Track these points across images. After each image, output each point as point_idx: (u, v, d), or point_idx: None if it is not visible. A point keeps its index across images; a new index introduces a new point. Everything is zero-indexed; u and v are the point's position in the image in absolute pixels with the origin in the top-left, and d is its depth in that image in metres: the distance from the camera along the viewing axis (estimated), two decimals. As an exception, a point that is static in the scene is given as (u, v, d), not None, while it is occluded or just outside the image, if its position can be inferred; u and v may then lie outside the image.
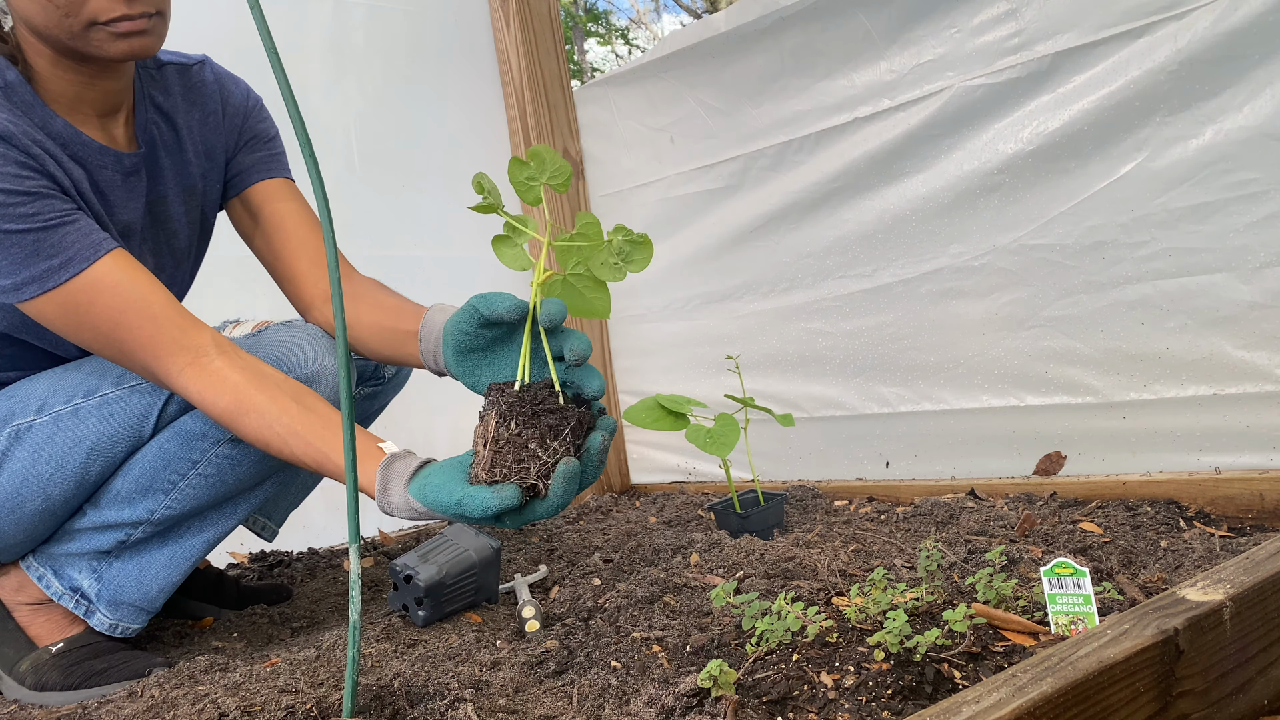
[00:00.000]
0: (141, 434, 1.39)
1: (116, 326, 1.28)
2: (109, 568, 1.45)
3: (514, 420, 1.06)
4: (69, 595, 1.44)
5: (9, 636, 1.46)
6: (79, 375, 1.40)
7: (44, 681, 1.41)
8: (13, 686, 1.43)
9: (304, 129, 0.95)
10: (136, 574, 1.46)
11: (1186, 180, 1.65)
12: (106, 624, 1.45)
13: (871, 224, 2.09)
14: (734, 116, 2.31)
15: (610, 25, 18.48)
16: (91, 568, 1.45)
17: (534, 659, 1.25)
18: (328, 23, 2.35)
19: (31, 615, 1.47)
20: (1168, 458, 1.75)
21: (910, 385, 2.10)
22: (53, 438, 1.37)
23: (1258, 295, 1.61)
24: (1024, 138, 1.83)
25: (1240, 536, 1.49)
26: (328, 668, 1.27)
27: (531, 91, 2.61)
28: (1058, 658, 0.83)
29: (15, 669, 1.43)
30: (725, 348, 2.37)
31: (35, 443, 1.36)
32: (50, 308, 1.26)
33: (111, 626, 1.45)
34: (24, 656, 1.44)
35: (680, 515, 2.16)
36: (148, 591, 1.47)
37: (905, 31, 1.98)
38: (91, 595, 1.44)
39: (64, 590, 1.44)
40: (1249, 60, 1.57)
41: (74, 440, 1.37)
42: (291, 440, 1.25)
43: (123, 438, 1.39)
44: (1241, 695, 0.94)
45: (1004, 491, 1.87)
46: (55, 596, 1.44)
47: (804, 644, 1.05)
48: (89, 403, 1.38)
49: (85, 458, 1.37)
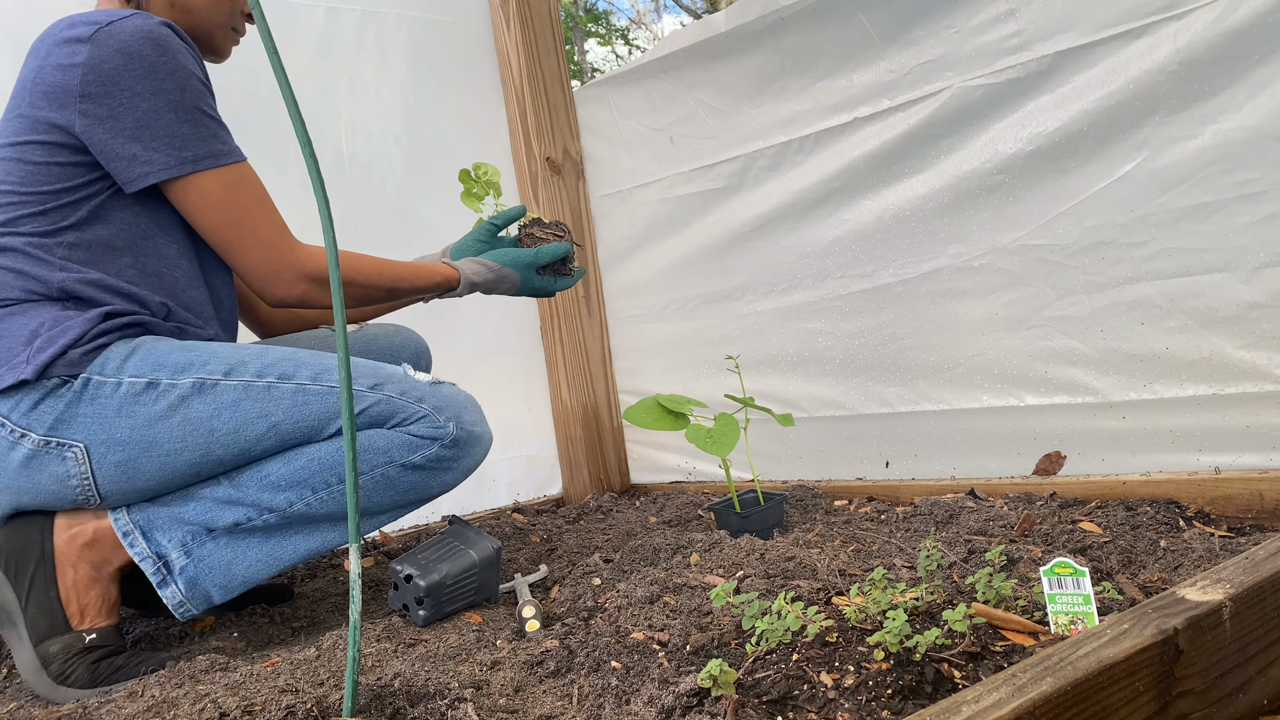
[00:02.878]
0: (321, 432, 1.49)
1: (261, 205, 1.50)
2: (202, 545, 1.46)
3: (541, 226, 1.85)
4: (151, 559, 1.44)
5: (49, 606, 1.41)
6: (270, 356, 1.50)
7: (68, 673, 1.37)
8: (32, 664, 1.38)
9: (304, 129, 0.96)
10: (227, 561, 1.48)
11: (1186, 180, 1.66)
12: (176, 600, 1.45)
13: (871, 224, 2.10)
14: (734, 116, 2.31)
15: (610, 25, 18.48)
16: (184, 540, 1.46)
17: (534, 659, 1.26)
18: (321, 23, 2.35)
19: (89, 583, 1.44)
20: (1167, 458, 1.75)
21: (910, 385, 2.10)
22: (239, 403, 1.45)
23: (1258, 295, 1.61)
24: (1024, 138, 1.83)
25: (1240, 536, 1.49)
26: (328, 667, 1.27)
27: (531, 91, 2.61)
28: (1057, 657, 0.83)
29: (44, 645, 1.38)
30: (725, 348, 2.37)
31: (219, 401, 1.44)
32: (214, 183, 1.46)
33: (179, 605, 1.45)
34: (57, 636, 1.40)
35: (680, 515, 2.16)
36: (230, 582, 1.48)
37: (905, 32, 1.98)
38: (176, 567, 1.45)
39: (148, 553, 1.44)
40: (1249, 60, 1.57)
41: (260, 413, 1.45)
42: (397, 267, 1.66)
43: (305, 429, 1.47)
44: (1241, 695, 0.94)
45: (1004, 491, 1.87)
46: (137, 558, 1.44)
47: (804, 644, 1.05)
48: (285, 386, 1.47)
49: (264, 432, 1.46)
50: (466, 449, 1.56)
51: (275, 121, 1.98)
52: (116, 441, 1.41)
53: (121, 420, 1.41)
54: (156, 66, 1.40)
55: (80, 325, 1.41)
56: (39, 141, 1.42)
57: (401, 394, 1.52)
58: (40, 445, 1.39)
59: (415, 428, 1.52)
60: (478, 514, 2.47)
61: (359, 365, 1.54)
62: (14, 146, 1.43)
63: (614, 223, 2.67)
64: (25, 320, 1.41)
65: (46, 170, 1.43)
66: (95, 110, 1.39)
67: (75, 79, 1.39)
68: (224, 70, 1.95)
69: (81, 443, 1.40)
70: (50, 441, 1.39)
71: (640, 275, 2.62)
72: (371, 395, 1.50)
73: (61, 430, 1.39)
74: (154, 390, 1.42)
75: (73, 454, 1.40)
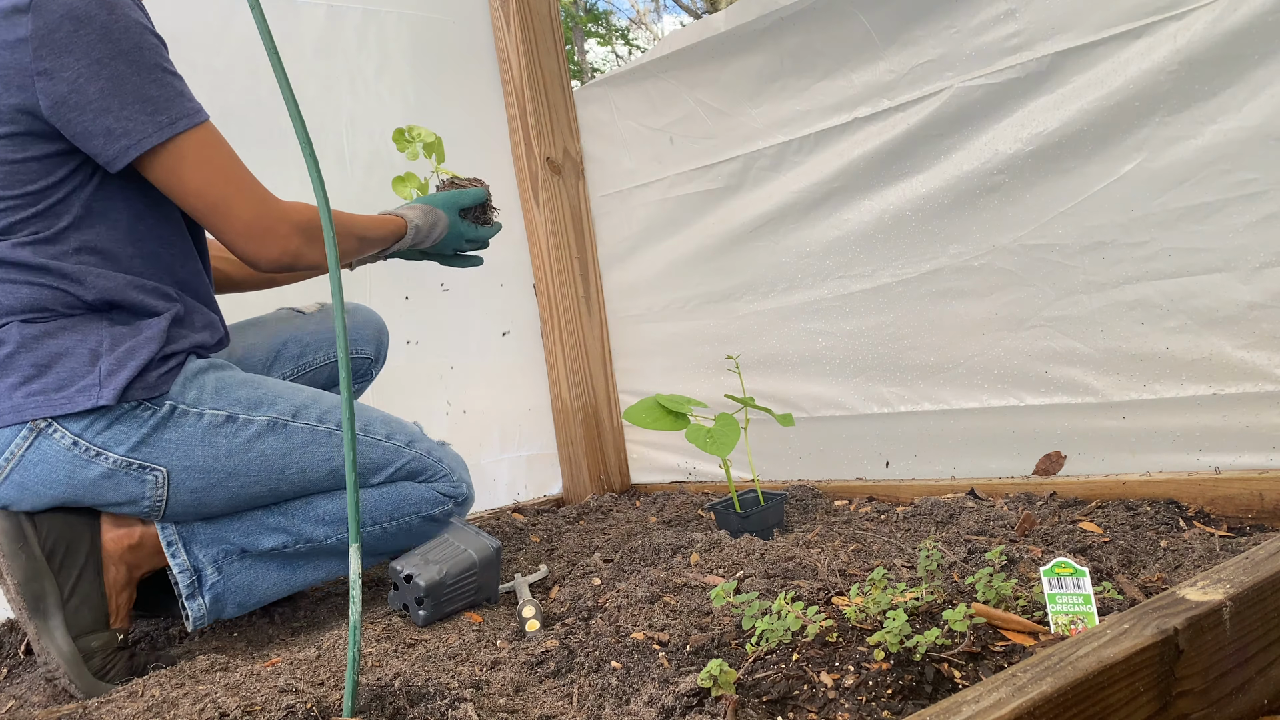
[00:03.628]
0: (370, 479, 1.63)
1: (238, 162, 1.45)
2: (232, 564, 1.53)
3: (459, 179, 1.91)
4: (187, 571, 1.49)
5: (96, 601, 1.43)
6: (325, 402, 1.60)
7: (109, 669, 1.39)
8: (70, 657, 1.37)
9: (304, 129, 0.96)
10: (250, 581, 1.55)
11: (1186, 180, 1.66)
12: (200, 613, 1.50)
13: (871, 224, 2.10)
14: (734, 117, 2.31)
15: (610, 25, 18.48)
16: (218, 557, 1.52)
17: (534, 659, 1.26)
18: (322, 22, 2.35)
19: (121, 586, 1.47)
20: (1167, 458, 1.75)
21: (910, 385, 2.10)
22: (308, 444, 1.55)
23: (1258, 295, 1.61)
24: (1024, 138, 1.83)
25: (1240, 536, 1.49)
26: (328, 667, 1.27)
27: (531, 91, 2.61)
28: (1057, 657, 0.83)
29: (86, 639, 1.40)
30: (725, 348, 2.37)
31: (290, 441, 1.53)
32: (193, 143, 1.39)
33: (200, 617, 1.50)
34: (100, 631, 1.42)
35: (680, 515, 2.16)
36: (247, 600, 1.56)
37: (905, 32, 1.98)
38: (207, 582, 1.50)
39: (186, 565, 1.49)
40: (1249, 60, 1.57)
41: (325, 456, 1.56)
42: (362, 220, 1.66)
43: (360, 475, 1.59)
44: (1241, 695, 0.94)
45: (1004, 491, 1.87)
46: (177, 569, 1.48)
47: (804, 644, 1.05)
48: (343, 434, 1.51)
49: (325, 474, 1.57)
50: (466, 506, 1.76)
51: (276, 121, 1.98)
52: (198, 469, 1.46)
53: (204, 449, 1.46)
54: (109, 28, 1.31)
55: (145, 347, 1.41)
56: (9, 135, 1.34)
57: (428, 452, 1.69)
58: (120, 465, 1.41)
59: (439, 485, 1.69)
60: (478, 514, 2.47)
61: (389, 419, 1.67)
62: None
63: (614, 223, 2.67)
64: (79, 338, 1.40)
65: (25, 168, 1.36)
66: (55, 88, 1.30)
67: (27, 56, 1.29)
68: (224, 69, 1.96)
69: (165, 467, 1.44)
70: (132, 463, 1.42)
71: (640, 275, 2.62)
72: (408, 452, 1.66)
73: (144, 453, 1.42)
74: (234, 424, 1.49)
75: (153, 477, 1.44)
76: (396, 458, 1.65)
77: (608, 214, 2.69)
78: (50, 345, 1.39)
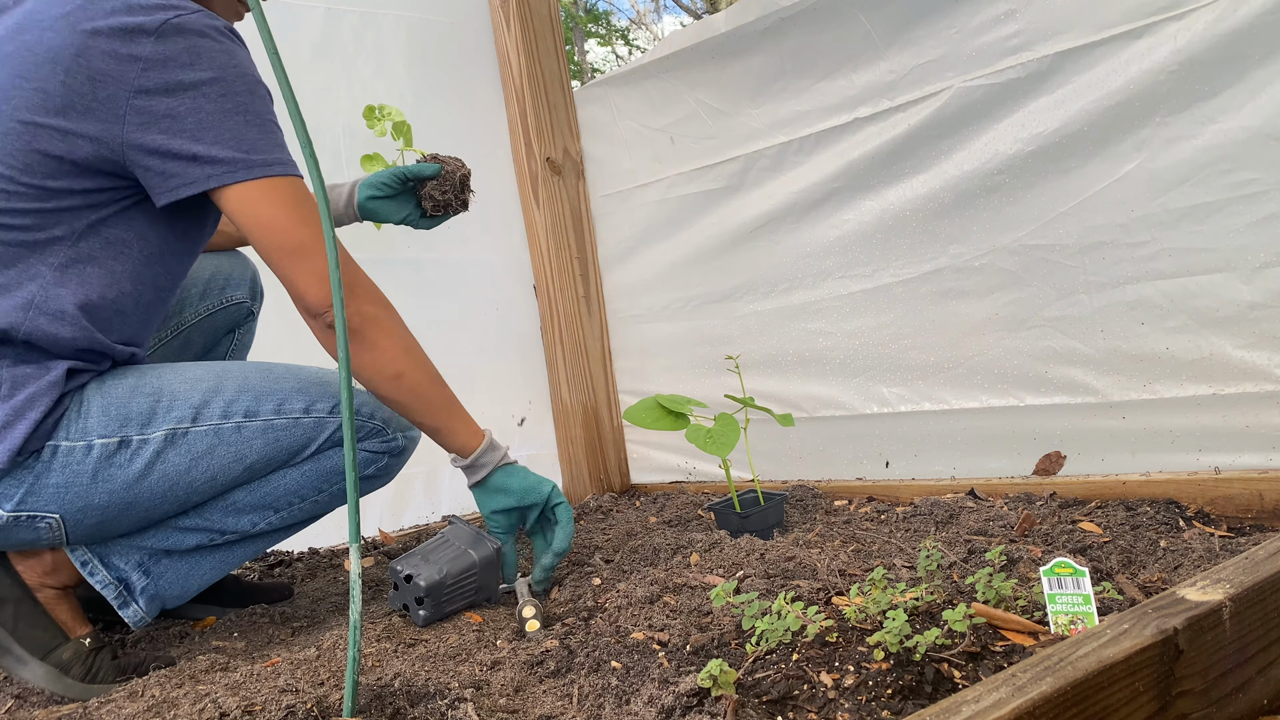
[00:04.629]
0: (289, 462, 1.49)
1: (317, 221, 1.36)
2: (158, 563, 1.46)
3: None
4: (113, 585, 1.42)
5: (40, 620, 1.38)
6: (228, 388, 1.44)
7: (95, 669, 1.37)
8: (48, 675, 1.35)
9: (304, 129, 0.96)
10: (184, 573, 1.48)
11: (1186, 180, 1.66)
12: (137, 617, 1.44)
13: (872, 224, 2.10)
14: (734, 117, 2.31)
15: (610, 26, 18.49)
16: (142, 561, 1.45)
17: (534, 659, 1.26)
18: (320, 23, 2.35)
19: (55, 602, 1.42)
20: (1167, 458, 1.75)
21: (910, 385, 2.10)
22: (214, 449, 1.41)
23: (1258, 295, 1.61)
24: (1024, 138, 1.83)
25: (1240, 536, 1.49)
26: (328, 667, 1.27)
27: (531, 91, 2.61)
28: (1057, 657, 0.83)
29: (54, 654, 1.36)
30: (725, 348, 2.37)
31: (193, 450, 1.40)
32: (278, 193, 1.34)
33: (138, 620, 1.45)
34: (62, 645, 1.37)
35: (680, 515, 2.16)
36: (186, 591, 1.48)
37: (905, 32, 1.98)
38: (136, 588, 1.44)
39: (109, 580, 1.42)
40: (1249, 60, 1.57)
41: (235, 456, 1.43)
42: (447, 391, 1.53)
43: (278, 462, 1.47)
44: (1241, 695, 0.94)
45: (1004, 491, 1.87)
46: (99, 585, 1.41)
47: (804, 644, 1.05)
48: (252, 424, 1.44)
49: (239, 474, 1.44)
50: (404, 455, 1.62)
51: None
52: (94, 508, 1.36)
53: (97, 487, 1.35)
54: (226, 68, 1.31)
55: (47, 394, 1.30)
56: (60, 129, 1.27)
57: (357, 411, 1.52)
58: (10, 520, 1.32)
59: (370, 444, 1.55)
60: (478, 514, 2.47)
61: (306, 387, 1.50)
62: (27, 126, 1.27)
63: (614, 223, 2.67)
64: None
65: (58, 165, 1.29)
66: (153, 107, 1.27)
67: (134, 71, 1.26)
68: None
69: (56, 514, 1.34)
70: (20, 516, 1.32)
71: (640, 275, 2.62)
72: (332, 420, 1.50)
73: (31, 503, 1.32)
74: (126, 449, 1.36)
75: (46, 524, 1.35)
76: (319, 431, 1.49)
77: (608, 214, 2.69)
78: None
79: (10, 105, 1.27)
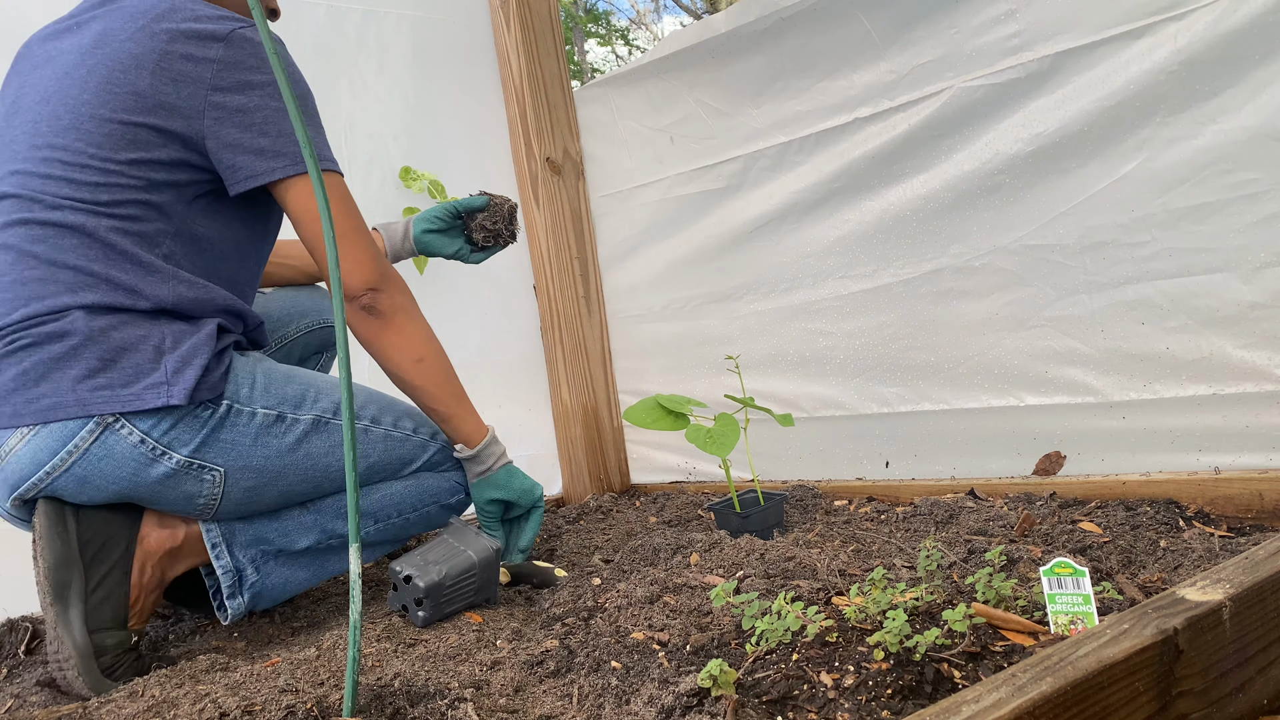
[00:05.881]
0: (399, 473, 1.67)
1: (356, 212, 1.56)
2: (267, 563, 1.56)
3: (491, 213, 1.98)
4: (231, 573, 1.52)
5: (116, 596, 1.43)
6: (361, 396, 1.65)
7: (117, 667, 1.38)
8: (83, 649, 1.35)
9: (305, 128, 0.96)
10: (286, 576, 1.58)
11: (1187, 180, 1.66)
12: (234, 613, 1.52)
13: (872, 224, 2.10)
14: (734, 117, 2.31)
15: (610, 26, 18.49)
16: (256, 558, 1.55)
17: (534, 659, 1.26)
18: (322, 21, 2.35)
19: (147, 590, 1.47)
20: (1167, 458, 1.75)
21: (910, 385, 2.10)
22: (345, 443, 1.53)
23: (1258, 295, 1.61)
24: (1024, 138, 1.83)
25: (1240, 536, 1.49)
26: (328, 667, 1.27)
27: (531, 92, 2.61)
28: (1057, 657, 0.83)
29: (101, 635, 1.39)
30: (725, 348, 2.37)
31: (332, 439, 1.56)
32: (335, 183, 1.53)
33: (237, 614, 1.53)
34: (116, 629, 1.41)
35: (680, 515, 2.16)
36: (281, 595, 1.59)
37: (905, 32, 1.98)
38: (246, 581, 1.53)
39: (230, 567, 1.52)
40: (1249, 60, 1.57)
41: (362, 453, 1.59)
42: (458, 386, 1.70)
43: (389, 470, 1.66)
44: (1241, 695, 0.94)
45: (1004, 491, 1.87)
46: (221, 570, 1.51)
47: (804, 644, 1.05)
48: (377, 430, 1.64)
49: (363, 470, 1.62)
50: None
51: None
52: (252, 469, 1.49)
53: (258, 449, 1.49)
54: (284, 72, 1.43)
55: (205, 346, 1.44)
56: (152, 126, 1.42)
57: (446, 444, 1.73)
58: (182, 466, 1.43)
59: (456, 475, 1.74)
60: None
61: (413, 412, 1.70)
62: (124, 125, 1.41)
63: (614, 223, 2.67)
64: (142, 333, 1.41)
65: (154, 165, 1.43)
66: (226, 100, 1.43)
67: (209, 72, 1.42)
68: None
69: (222, 468, 1.46)
70: (193, 464, 1.44)
71: (640, 275, 2.62)
72: (433, 445, 1.70)
73: (204, 454, 1.45)
74: (282, 423, 1.51)
75: (211, 476, 1.46)
76: (423, 451, 1.69)
77: (608, 214, 2.69)
78: (115, 338, 1.39)
79: (108, 109, 1.41)
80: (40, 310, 1.39)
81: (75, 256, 1.39)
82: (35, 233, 1.40)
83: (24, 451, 1.38)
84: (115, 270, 1.41)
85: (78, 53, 1.46)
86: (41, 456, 1.38)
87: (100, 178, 1.40)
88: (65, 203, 1.40)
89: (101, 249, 1.40)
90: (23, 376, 1.38)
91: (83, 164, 1.40)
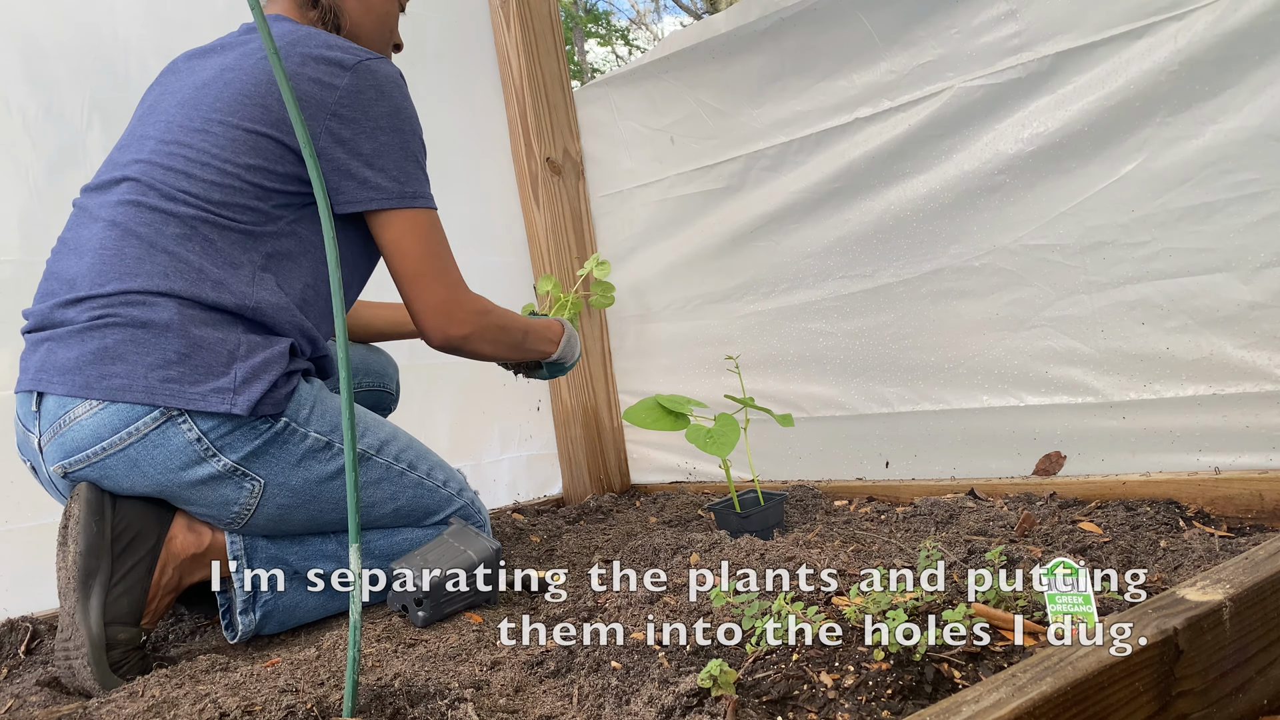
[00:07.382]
0: (423, 522, 1.70)
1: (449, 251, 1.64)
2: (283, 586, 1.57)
3: None
4: (243, 590, 1.52)
5: (137, 596, 1.44)
6: (400, 440, 1.68)
7: (124, 664, 1.39)
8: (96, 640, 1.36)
9: (305, 129, 0.96)
10: (296, 603, 1.59)
11: (1187, 180, 1.66)
12: (250, 628, 1.53)
13: (872, 224, 2.10)
14: (734, 117, 2.31)
15: (610, 26, 18.49)
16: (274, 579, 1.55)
17: (534, 659, 1.26)
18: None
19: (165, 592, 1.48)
20: (1167, 458, 1.75)
21: (910, 385, 2.10)
22: (380, 481, 1.62)
23: (1258, 295, 1.61)
24: (1024, 138, 1.83)
25: (1240, 536, 1.49)
26: (328, 667, 1.27)
27: (532, 92, 2.61)
28: (1057, 657, 0.83)
29: (114, 629, 1.39)
30: (725, 348, 2.37)
31: (369, 475, 1.60)
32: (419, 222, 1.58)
33: (246, 632, 1.53)
34: (131, 625, 1.42)
35: (680, 515, 2.16)
36: (287, 622, 1.59)
37: (905, 32, 1.98)
38: (260, 600, 1.54)
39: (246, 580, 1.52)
40: (1249, 60, 1.57)
41: (391, 495, 1.63)
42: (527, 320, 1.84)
43: (413, 518, 1.69)
44: (1241, 695, 0.94)
45: (1004, 491, 1.87)
46: (238, 581, 1.51)
47: (804, 644, 1.05)
48: (411, 475, 1.67)
49: (389, 511, 1.65)
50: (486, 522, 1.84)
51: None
52: (290, 488, 1.51)
53: (300, 471, 1.51)
54: (400, 110, 1.56)
55: (277, 363, 1.46)
56: (274, 138, 1.49)
57: (470, 501, 1.78)
58: (227, 469, 1.45)
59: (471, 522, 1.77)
60: (478, 514, 2.47)
61: (444, 465, 1.74)
62: (249, 133, 1.48)
63: (614, 223, 2.67)
64: (220, 335, 1.44)
65: (273, 170, 1.49)
66: (341, 130, 1.50)
67: (332, 98, 1.50)
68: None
69: (264, 479, 1.49)
70: (238, 470, 1.46)
71: (640, 275, 2.62)
72: (459, 500, 1.74)
73: (251, 463, 1.47)
74: (329, 451, 1.54)
75: (251, 486, 1.48)
76: (448, 505, 1.72)
77: (608, 214, 2.69)
78: (194, 334, 1.42)
79: (236, 117, 1.49)
80: (131, 287, 1.42)
81: (175, 243, 1.44)
82: (144, 216, 1.45)
83: (88, 422, 1.40)
84: (209, 263, 1.45)
85: (218, 69, 1.55)
86: (103, 432, 1.40)
87: (217, 177, 1.46)
88: (179, 194, 1.45)
89: (201, 242, 1.45)
90: (103, 351, 1.41)
91: (204, 162, 1.46)
